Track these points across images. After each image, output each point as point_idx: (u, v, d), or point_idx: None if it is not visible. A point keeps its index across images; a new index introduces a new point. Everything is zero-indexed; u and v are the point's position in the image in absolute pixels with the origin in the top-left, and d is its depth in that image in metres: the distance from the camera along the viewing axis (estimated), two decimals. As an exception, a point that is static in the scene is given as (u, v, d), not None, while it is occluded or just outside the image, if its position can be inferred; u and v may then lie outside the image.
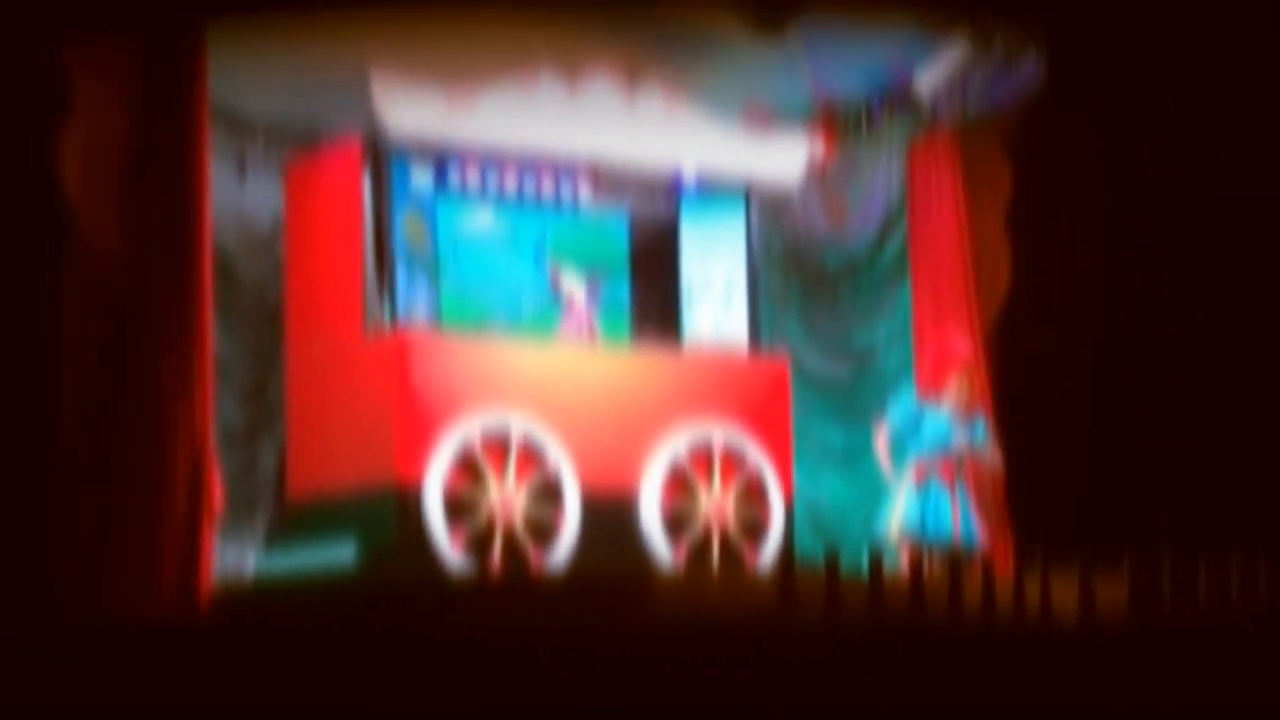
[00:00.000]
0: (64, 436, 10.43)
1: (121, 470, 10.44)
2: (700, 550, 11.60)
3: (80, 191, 10.49)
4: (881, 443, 11.55)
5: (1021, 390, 12.60)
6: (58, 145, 10.44)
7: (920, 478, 11.41)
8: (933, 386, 11.74)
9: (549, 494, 11.28)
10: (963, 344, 11.97)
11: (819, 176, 12.67)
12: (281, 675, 9.44)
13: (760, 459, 11.86)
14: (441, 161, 11.61)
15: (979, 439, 11.54)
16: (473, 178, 11.72)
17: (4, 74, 10.57)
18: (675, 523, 11.58)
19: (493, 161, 11.75)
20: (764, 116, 12.25)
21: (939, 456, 11.42)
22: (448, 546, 11.00)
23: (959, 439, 11.44)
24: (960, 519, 11.33)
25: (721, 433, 11.78)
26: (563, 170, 11.97)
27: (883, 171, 12.86)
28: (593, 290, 12.11)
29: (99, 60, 10.54)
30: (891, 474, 11.52)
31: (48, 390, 10.46)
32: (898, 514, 11.28)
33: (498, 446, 11.20)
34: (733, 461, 11.77)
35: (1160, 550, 10.37)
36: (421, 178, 11.56)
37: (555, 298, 12.04)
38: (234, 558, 11.64)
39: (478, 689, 9.07)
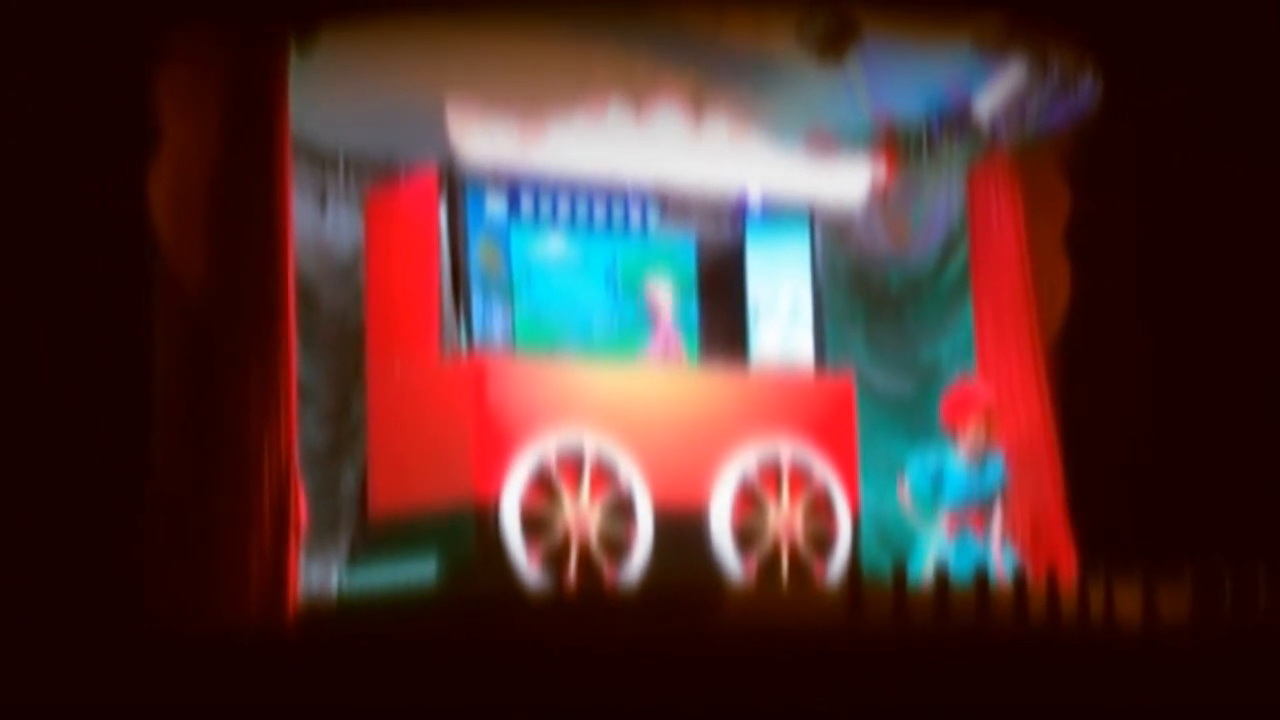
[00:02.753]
0: (156, 458, 10.62)
1: (210, 491, 10.60)
2: (770, 564, 11.71)
3: (169, 223, 10.68)
4: (904, 496, 11.68)
5: (1082, 403, 12.70)
6: (147, 179, 10.66)
7: (953, 529, 11.51)
8: (952, 425, 11.80)
9: (622, 510, 11.41)
10: (982, 389, 12.03)
11: (881, 198, 12.80)
12: (365, 688, 9.62)
13: (827, 474, 11.97)
14: (514, 189, 11.77)
15: (995, 479, 11.63)
16: (545, 204, 11.88)
17: (96, 110, 10.85)
18: (745, 537, 11.70)
19: (564, 188, 11.92)
20: (827, 141, 12.42)
21: (967, 507, 11.54)
22: (525, 562, 11.14)
23: (978, 487, 11.55)
24: (1004, 563, 11.40)
25: (789, 449, 11.92)
26: (631, 196, 12.13)
27: (943, 193, 13.00)
28: (675, 306, 12.28)
29: (186, 94, 10.73)
30: (919, 524, 11.64)
31: (142, 413, 10.67)
32: (931, 563, 11.21)
33: (572, 465, 11.35)
34: (800, 477, 11.90)
35: (1221, 560, 10.46)
36: (495, 205, 11.73)
37: (640, 319, 12.18)
38: (318, 575, 11.84)
39: (555, 700, 9.21)
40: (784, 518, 11.82)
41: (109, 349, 10.82)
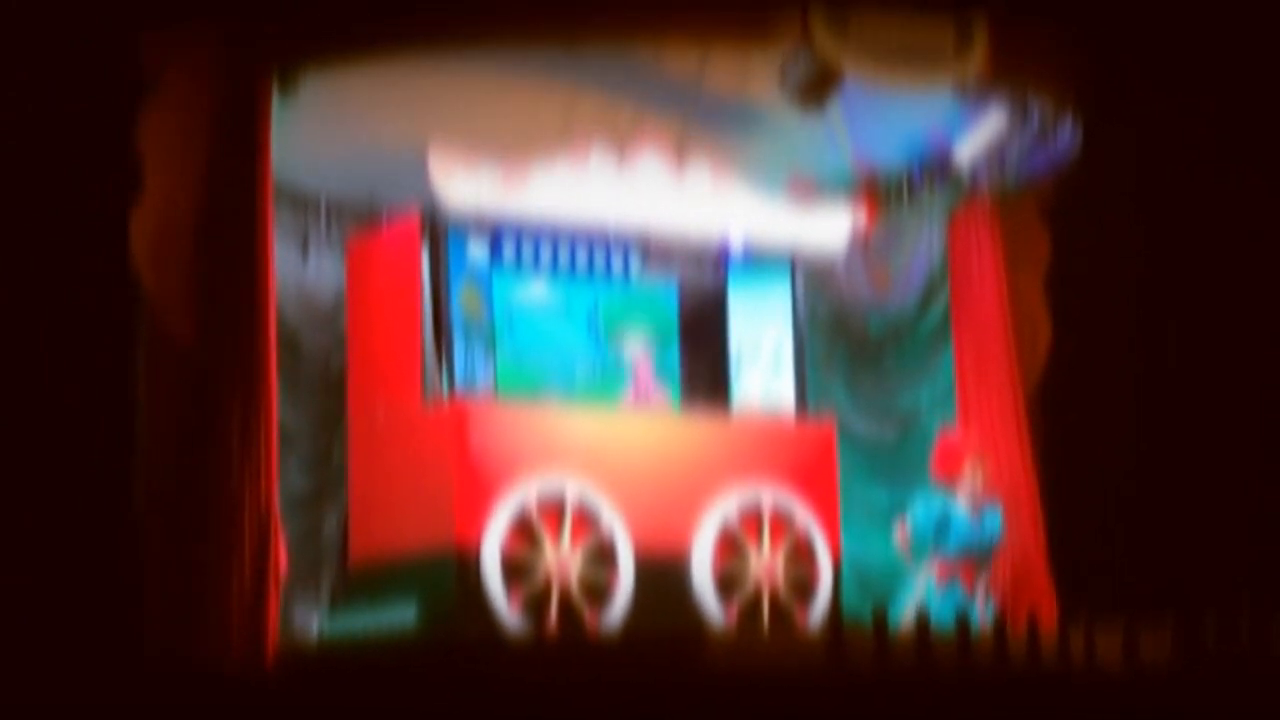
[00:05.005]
0: (138, 502, 10.63)
1: (191, 535, 10.59)
2: (751, 610, 11.69)
3: (151, 268, 10.71)
4: (902, 537, 11.72)
5: (1062, 448, 12.73)
6: (130, 225, 10.68)
7: (943, 577, 11.55)
8: (945, 477, 11.87)
9: (603, 556, 11.39)
10: (969, 436, 12.10)
11: (862, 245, 12.84)
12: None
13: (808, 520, 11.96)
14: (497, 235, 11.79)
15: (994, 531, 11.69)
16: (527, 250, 11.89)
17: (78, 156, 10.88)
18: (726, 583, 11.68)
19: (546, 234, 11.93)
20: (808, 188, 12.45)
21: (962, 558, 11.58)
22: (505, 608, 11.12)
23: (978, 538, 11.60)
24: (986, 615, 11.41)
25: (770, 495, 11.91)
26: (614, 242, 12.15)
27: (924, 240, 13.05)
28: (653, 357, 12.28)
29: (169, 139, 10.76)
30: (911, 568, 11.68)
31: (124, 456, 10.68)
32: (915, 605, 11.30)
33: (553, 510, 11.35)
34: (781, 523, 11.88)
35: (1203, 604, 10.48)
36: (478, 251, 11.74)
37: (622, 365, 12.18)
38: (300, 620, 11.78)
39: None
40: (765, 564, 11.81)
41: (91, 393, 10.85)
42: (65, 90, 10.88)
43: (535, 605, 11.19)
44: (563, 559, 11.31)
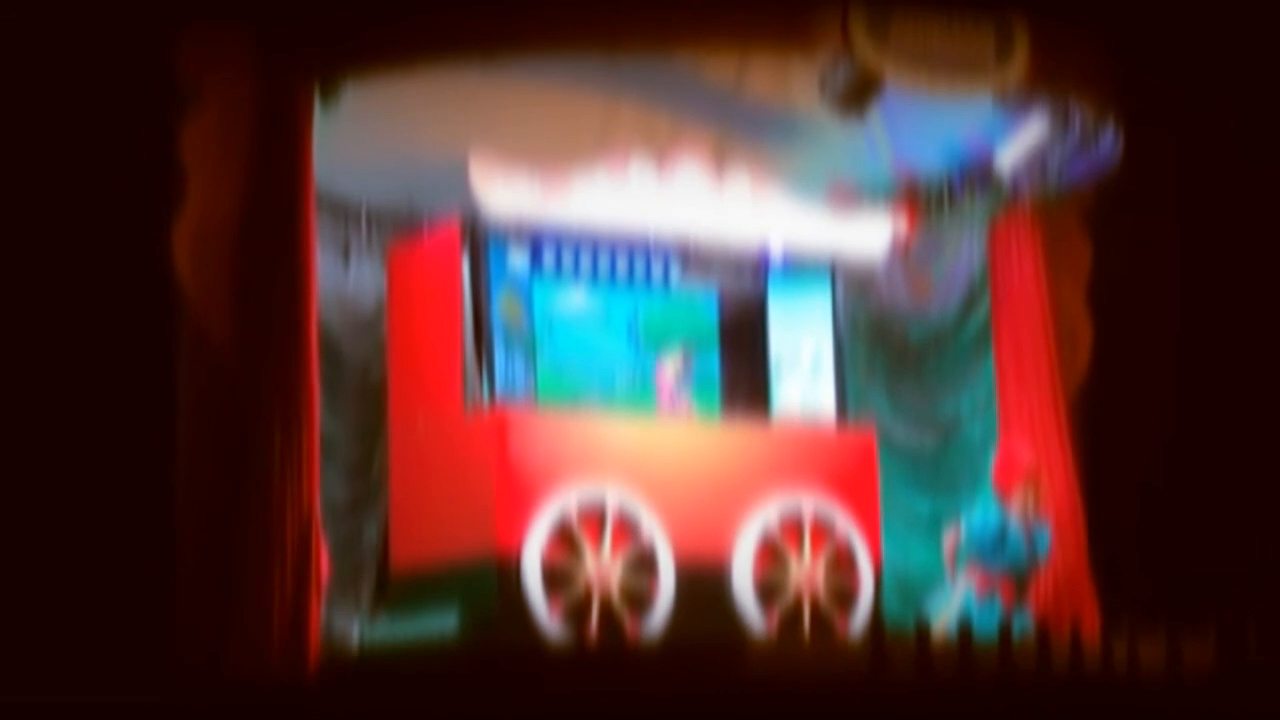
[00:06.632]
0: (179, 510, 10.65)
1: (233, 543, 10.62)
2: (792, 618, 11.67)
3: (193, 276, 10.75)
4: (950, 544, 11.71)
5: (1105, 456, 12.70)
6: (172, 232, 10.73)
7: (983, 589, 11.54)
8: (1002, 489, 11.86)
9: (644, 564, 11.39)
10: (1027, 452, 12.07)
11: (903, 252, 12.82)
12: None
13: (849, 528, 11.94)
14: (537, 243, 11.82)
15: (1043, 552, 11.66)
16: (567, 258, 11.93)
17: (122, 164, 10.93)
18: (767, 591, 11.67)
19: (586, 242, 11.96)
20: (848, 195, 12.46)
21: (1004, 573, 11.56)
22: (546, 616, 11.12)
23: (1030, 555, 11.57)
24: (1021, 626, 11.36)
25: (811, 503, 11.89)
26: (653, 250, 12.17)
27: (965, 247, 13.03)
28: (685, 369, 12.29)
29: (211, 148, 10.81)
30: (953, 573, 11.67)
31: (165, 465, 10.71)
32: (952, 612, 11.34)
33: (594, 518, 11.34)
34: (822, 531, 11.87)
35: (1247, 613, 10.46)
36: (518, 259, 11.78)
37: (654, 383, 12.20)
38: (340, 627, 11.81)
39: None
40: (806, 571, 11.80)
41: (132, 400, 10.90)
42: (107, 97, 10.94)
43: (576, 613, 11.19)
44: (603, 567, 11.31)
